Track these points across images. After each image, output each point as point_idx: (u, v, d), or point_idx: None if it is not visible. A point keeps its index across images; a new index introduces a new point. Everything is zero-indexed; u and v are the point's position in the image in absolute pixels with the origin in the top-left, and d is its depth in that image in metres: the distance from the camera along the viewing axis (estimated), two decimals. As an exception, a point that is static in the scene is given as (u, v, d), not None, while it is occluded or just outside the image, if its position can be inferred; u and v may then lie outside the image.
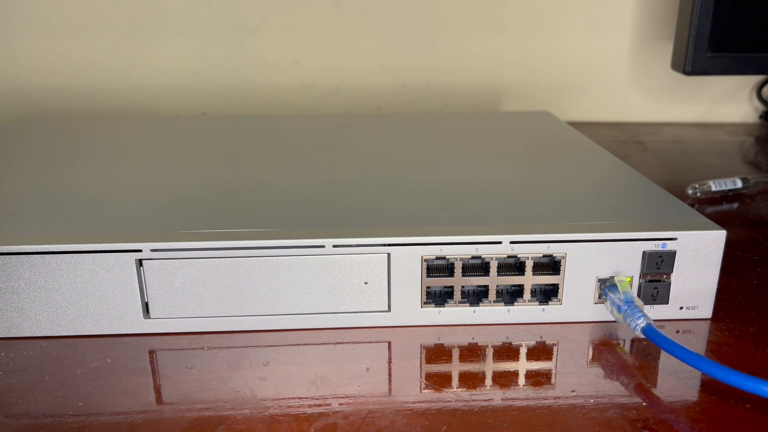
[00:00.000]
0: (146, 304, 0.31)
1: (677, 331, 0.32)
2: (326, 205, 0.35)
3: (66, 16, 0.66)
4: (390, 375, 0.29)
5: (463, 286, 0.32)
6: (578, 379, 0.28)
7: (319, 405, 0.27)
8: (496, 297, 0.32)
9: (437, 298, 0.32)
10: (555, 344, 0.31)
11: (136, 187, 0.38)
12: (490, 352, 0.30)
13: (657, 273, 0.32)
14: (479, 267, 0.31)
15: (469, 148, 0.47)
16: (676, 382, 0.28)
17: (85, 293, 0.31)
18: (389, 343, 0.31)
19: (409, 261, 0.31)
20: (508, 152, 0.46)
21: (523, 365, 0.29)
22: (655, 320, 0.32)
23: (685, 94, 0.72)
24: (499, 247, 0.31)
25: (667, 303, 0.32)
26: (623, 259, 0.31)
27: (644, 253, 0.31)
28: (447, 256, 0.31)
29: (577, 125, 0.64)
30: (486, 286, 0.32)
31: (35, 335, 0.31)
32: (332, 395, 0.27)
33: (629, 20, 0.69)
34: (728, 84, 0.72)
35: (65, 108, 0.69)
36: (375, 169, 0.41)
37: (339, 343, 0.31)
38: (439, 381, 0.28)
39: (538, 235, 0.31)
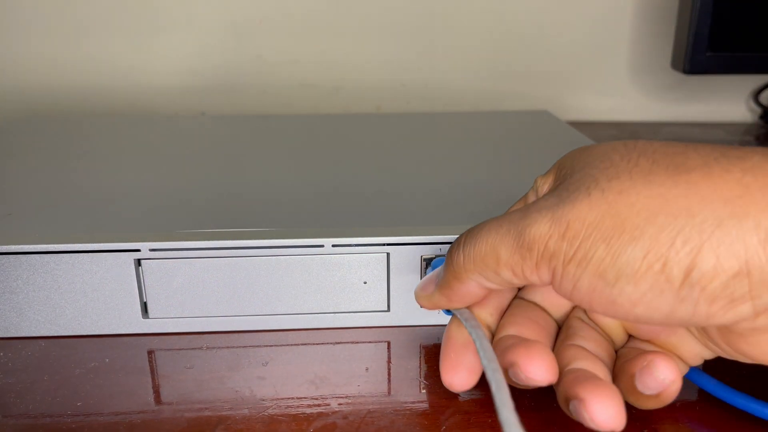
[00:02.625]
0: (145, 303, 0.31)
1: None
2: (325, 205, 0.35)
3: (66, 16, 0.66)
4: (389, 375, 0.29)
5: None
6: (578, 379, 0.28)
7: (319, 405, 0.27)
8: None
9: (437, 297, 0.32)
10: (554, 344, 0.31)
11: (135, 187, 0.38)
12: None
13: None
14: (479, 266, 0.31)
15: (469, 147, 0.47)
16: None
17: (83, 293, 0.31)
18: (388, 343, 0.31)
19: (409, 260, 0.31)
20: (508, 152, 0.46)
21: (522, 365, 0.29)
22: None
23: (684, 93, 0.72)
24: (499, 246, 0.31)
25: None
26: (623, 259, 0.31)
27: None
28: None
29: (576, 125, 0.64)
30: (485, 286, 0.32)
31: (34, 335, 0.31)
32: (331, 395, 0.27)
33: (629, 19, 0.69)
34: (728, 83, 0.72)
35: (65, 108, 0.69)
36: (374, 169, 0.41)
37: (338, 342, 0.31)
38: (439, 381, 0.28)
39: (538, 234, 0.31)
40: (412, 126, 0.54)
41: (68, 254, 0.30)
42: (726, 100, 0.72)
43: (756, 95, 0.71)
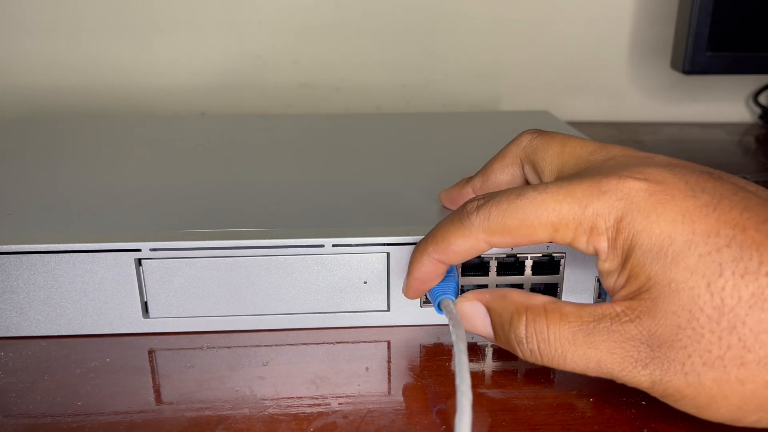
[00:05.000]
0: (145, 303, 0.31)
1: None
2: (326, 205, 0.35)
3: (66, 16, 0.66)
4: (389, 375, 0.29)
5: (462, 286, 0.32)
6: (578, 379, 0.28)
7: (319, 404, 0.27)
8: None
9: (437, 297, 0.32)
10: (554, 344, 0.31)
11: (136, 187, 0.38)
12: (489, 352, 0.30)
13: (656, 272, 0.32)
14: (478, 267, 0.31)
15: (469, 147, 0.47)
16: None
17: (84, 293, 0.31)
18: (388, 343, 0.31)
19: (409, 260, 0.31)
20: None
21: (522, 364, 0.29)
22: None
23: (684, 93, 0.72)
24: (499, 246, 0.31)
25: (667, 302, 0.32)
26: (623, 259, 0.31)
27: (644, 252, 0.31)
28: (446, 256, 0.31)
29: (576, 125, 0.64)
30: (485, 286, 0.32)
31: (34, 335, 0.31)
32: (331, 395, 0.27)
33: (629, 19, 0.69)
34: (728, 83, 0.72)
35: (65, 108, 0.69)
36: (374, 169, 0.41)
37: (338, 342, 0.31)
38: (439, 380, 0.28)
39: (538, 234, 0.31)
40: (412, 126, 0.54)
41: (69, 254, 0.30)
42: (726, 100, 0.73)
43: (756, 95, 0.71)
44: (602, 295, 0.32)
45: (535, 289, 0.32)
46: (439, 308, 0.28)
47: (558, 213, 0.24)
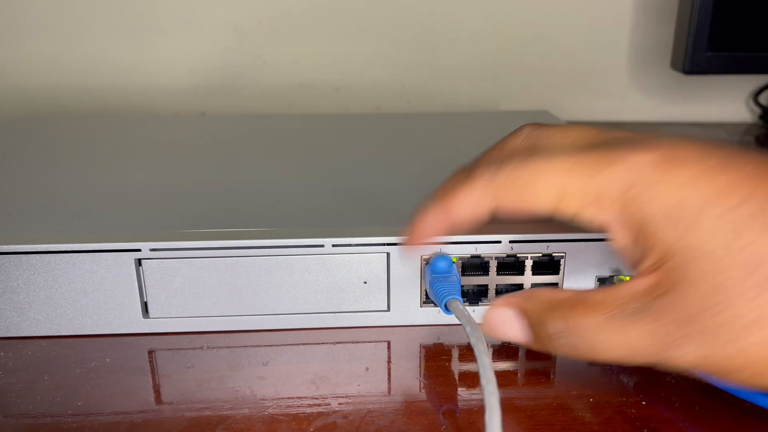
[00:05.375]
0: (145, 303, 0.31)
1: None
2: (325, 205, 0.35)
3: (66, 16, 0.66)
4: (389, 374, 0.29)
5: (462, 286, 0.32)
6: (578, 379, 0.28)
7: (319, 404, 0.27)
8: (496, 296, 0.32)
9: (437, 297, 0.32)
10: (554, 344, 0.31)
11: (135, 187, 0.38)
12: (489, 352, 0.30)
13: (656, 272, 0.32)
14: (478, 266, 0.31)
15: (469, 147, 0.47)
16: (676, 382, 0.28)
17: (84, 293, 0.31)
18: (388, 343, 0.31)
19: (409, 260, 0.31)
20: (508, 152, 0.46)
21: (522, 365, 0.29)
22: (654, 319, 0.32)
23: (684, 93, 0.72)
24: (499, 246, 0.31)
25: (667, 302, 0.32)
26: (623, 259, 0.31)
27: (644, 252, 0.31)
28: (446, 256, 0.31)
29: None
30: (485, 286, 0.32)
31: (34, 335, 0.31)
32: (331, 395, 0.27)
33: (628, 19, 0.69)
34: (728, 83, 0.72)
35: (65, 108, 0.69)
36: (374, 169, 0.41)
37: (338, 342, 0.31)
38: (439, 380, 0.28)
39: (538, 234, 0.31)
40: (412, 126, 0.54)
41: (69, 254, 0.30)
42: (726, 100, 0.72)
43: (756, 95, 0.71)
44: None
45: (535, 289, 0.32)
46: (446, 309, 0.28)
47: (564, 179, 0.23)
